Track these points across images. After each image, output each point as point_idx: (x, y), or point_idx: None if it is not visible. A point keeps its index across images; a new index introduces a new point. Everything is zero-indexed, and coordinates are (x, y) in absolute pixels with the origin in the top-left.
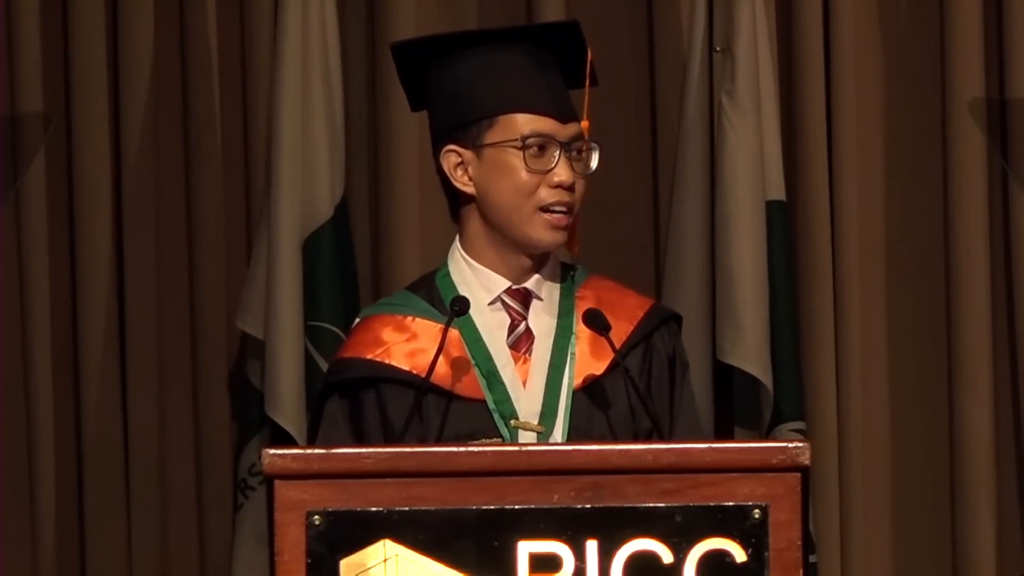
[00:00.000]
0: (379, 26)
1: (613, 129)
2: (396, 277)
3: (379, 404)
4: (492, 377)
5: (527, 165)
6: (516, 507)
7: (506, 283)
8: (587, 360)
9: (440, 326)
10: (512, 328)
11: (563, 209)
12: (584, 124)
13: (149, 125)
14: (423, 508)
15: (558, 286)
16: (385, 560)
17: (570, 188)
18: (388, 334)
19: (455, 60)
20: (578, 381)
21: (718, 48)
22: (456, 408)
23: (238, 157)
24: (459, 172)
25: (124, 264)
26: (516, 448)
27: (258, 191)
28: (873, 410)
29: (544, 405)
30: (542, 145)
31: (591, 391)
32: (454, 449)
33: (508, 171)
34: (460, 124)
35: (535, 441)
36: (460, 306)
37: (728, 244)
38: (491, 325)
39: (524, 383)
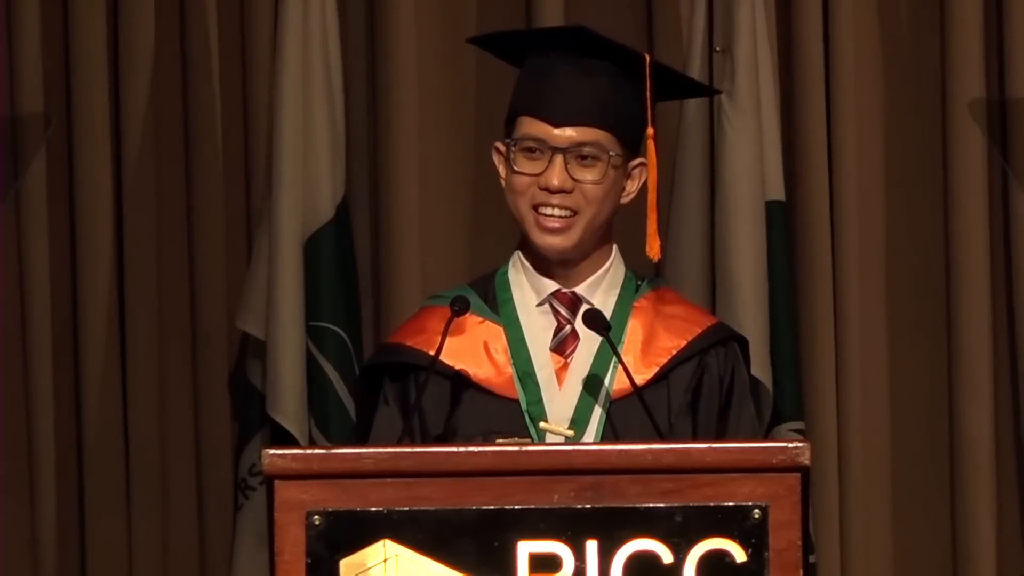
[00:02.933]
0: (379, 26)
1: None
2: (396, 277)
3: (416, 390)
4: (527, 378)
5: (512, 166)
6: (516, 507)
7: (555, 286)
8: (632, 370)
9: (485, 320)
10: (557, 331)
11: (554, 212)
12: (649, 132)
13: (149, 125)
14: (423, 508)
15: (615, 294)
16: (385, 560)
17: (559, 191)
18: (434, 324)
19: (524, 57)
20: (617, 390)
21: (718, 48)
22: (490, 406)
23: (239, 157)
24: (501, 168)
25: (124, 264)
26: (516, 448)
27: (259, 191)
28: (873, 410)
29: (576, 411)
30: (532, 148)
31: (630, 401)
32: (454, 449)
33: (507, 171)
34: (506, 122)
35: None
36: (459, 306)
37: (728, 244)
38: (536, 327)
39: (560, 387)
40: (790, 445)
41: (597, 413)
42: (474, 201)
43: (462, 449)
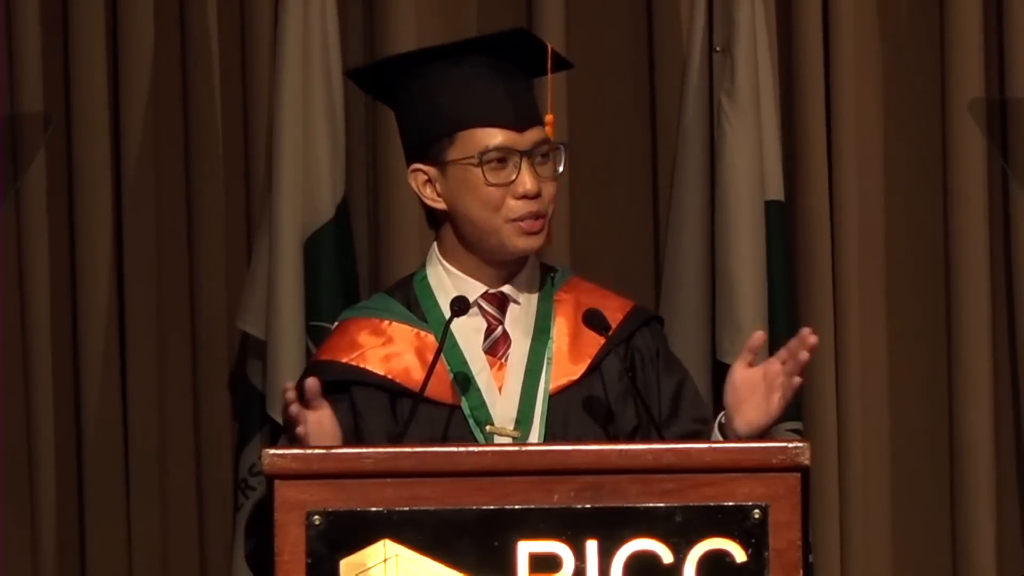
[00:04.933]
0: (379, 26)
1: (613, 129)
2: (396, 277)
3: (352, 408)
4: (467, 383)
5: (486, 179)
6: (516, 507)
7: (482, 288)
8: (564, 364)
9: (415, 330)
10: (488, 333)
11: (533, 217)
12: (548, 118)
13: (149, 125)
14: (423, 508)
15: (537, 290)
16: (385, 560)
17: (536, 196)
18: (364, 337)
19: (415, 79)
20: (554, 385)
21: (718, 48)
22: (432, 414)
23: (239, 157)
24: (427, 189)
25: (124, 264)
26: (516, 448)
27: (259, 191)
28: (873, 410)
29: (519, 411)
30: (501, 158)
31: (568, 395)
32: (454, 449)
33: (471, 187)
34: (423, 143)
35: None
36: (460, 306)
37: (727, 244)
38: (467, 330)
39: (500, 388)
40: (790, 445)
41: (539, 410)
42: None
43: (462, 449)
